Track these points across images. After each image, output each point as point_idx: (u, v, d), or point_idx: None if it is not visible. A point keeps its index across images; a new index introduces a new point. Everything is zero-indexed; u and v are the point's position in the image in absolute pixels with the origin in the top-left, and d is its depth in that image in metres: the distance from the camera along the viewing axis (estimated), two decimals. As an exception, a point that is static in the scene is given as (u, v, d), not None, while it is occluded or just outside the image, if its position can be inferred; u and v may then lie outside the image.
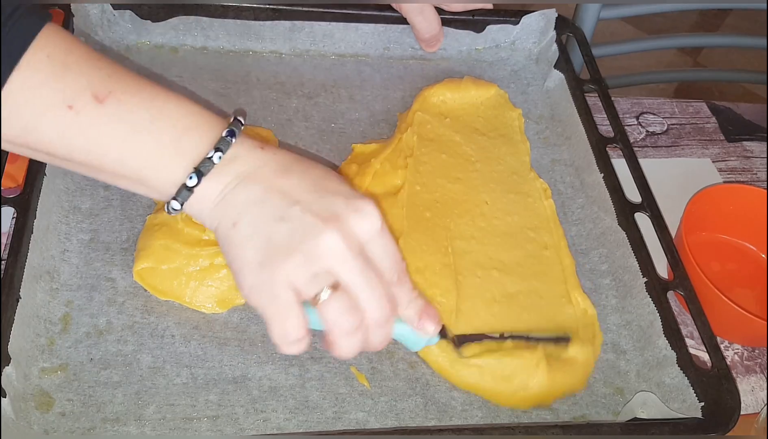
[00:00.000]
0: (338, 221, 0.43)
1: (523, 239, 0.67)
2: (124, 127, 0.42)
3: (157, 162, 0.44)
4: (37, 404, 0.53)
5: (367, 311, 0.44)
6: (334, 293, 0.43)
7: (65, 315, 0.58)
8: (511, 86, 0.81)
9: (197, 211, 0.45)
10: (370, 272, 0.44)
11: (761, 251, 0.74)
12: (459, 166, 0.71)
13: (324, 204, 0.44)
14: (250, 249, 0.43)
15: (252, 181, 0.44)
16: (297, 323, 0.43)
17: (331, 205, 0.44)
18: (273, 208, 0.43)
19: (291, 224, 0.43)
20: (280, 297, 0.43)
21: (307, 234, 0.42)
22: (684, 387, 0.57)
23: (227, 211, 0.44)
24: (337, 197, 0.44)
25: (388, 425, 0.56)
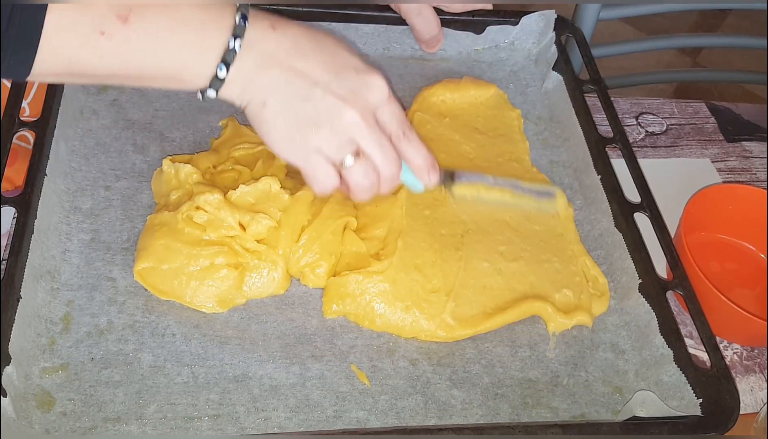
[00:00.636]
0: (355, 98, 0.50)
1: (526, 227, 0.68)
2: (151, 38, 0.46)
3: (187, 60, 0.48)
4: (38, 403, 0.54)
5: (381, 170, 0.53)
6: (357, 159, 0.52)
7: (66, 315, 0.58)
8: (510, 87, 0.82)
9: (227, 95, 0.50)
10: (383, 138, 0.52)
11: (761, 251, 0.74)
12: (458, 164, 0.71)
13: (340, 83, 0.50)
14: (282, 124, 0.50)
15: (272, 65, 0.49)
16: (329, 179, 0.52)
17: (346, 82, 0.50)
18: (297, 89, 0.50)
19: (315, 103, 0.50)
20: (311, 160, 0.51)
21: (331, 112, 0.50)
22: (682, 385, 0.57)
23: (255, 93, 0.50)
24: (349, 73, 0.51)
25: (388, 423, 0.56)
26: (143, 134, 0.70)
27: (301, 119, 0.50)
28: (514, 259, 0.65)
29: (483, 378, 0.59)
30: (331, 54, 0.51)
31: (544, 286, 0.64)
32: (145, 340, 0.58)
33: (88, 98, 0.72)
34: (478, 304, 0.62)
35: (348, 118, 0.50)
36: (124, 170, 0.68)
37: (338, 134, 0.50)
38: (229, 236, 0.61)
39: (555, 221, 0.69)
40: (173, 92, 0.74)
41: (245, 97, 0.50)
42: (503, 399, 0.58)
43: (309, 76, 0.50)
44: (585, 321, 0.63)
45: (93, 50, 0.45)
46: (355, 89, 0.51)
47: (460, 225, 0.66)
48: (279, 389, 0.57)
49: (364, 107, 0.51)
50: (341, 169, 0.52)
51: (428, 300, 0.61)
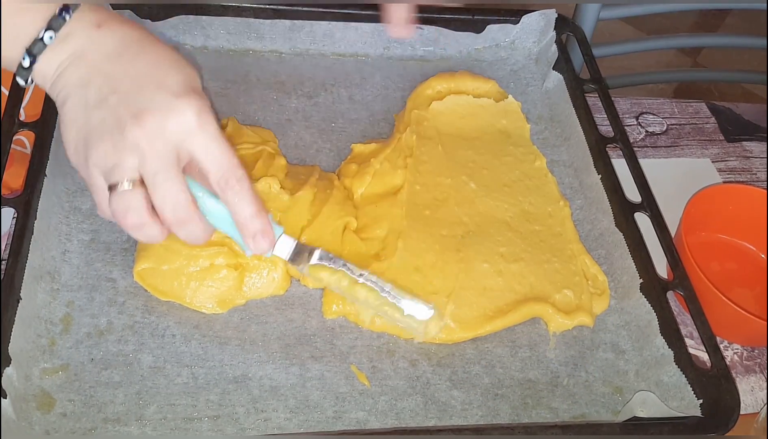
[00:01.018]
0: (148, 118, 0.44)
1: (526, 227, 0.68)
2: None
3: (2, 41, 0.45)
4: (38, 404, 0.54)
5: (161, 210, 0.46)
6: (131, 189, 0.44)
7: (66, 316, 0.58)
8: (510, 86, 0.81)
9: (42, 85, 0.47)
10: (170, 172, 0.45)
11: (761, 251, 0.74)
12: (456, 169, 0.71)
13: (141, 98, 0.44)
14: (72, 130, 0.45)
15: (81, 63, 0.45)
16: (101, 198, 0.46)
17: (148, 100, 0.44)
18: (94, 94, 0.45)
19: (105, 113, 0.44)
20: (92, 178, 0.45)
21: (117, 126, 0.44)
22: (682, 385, 0.57)
23: (59, 90, 0.46)
24: (159, 92, 0.45)
25: (388, 424, 0.56)
26: (143, 134, 0.70)
27: (89, 127, 0.44)
28: (515, 260, 0.65)
29: (483, 379, 0.59)
30: (153, 66, 0.46)
31: (544, 286, 0.64)
32: (145, 341, 0.58)
33: (88, 98, 0.72)
34: (478, 306, 0.62)
35: (129, 137, 0.43)
36: (124, 170, 0.67)
37: (116, 153, 0.44)
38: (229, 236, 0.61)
39: (553, 220, 0.69)
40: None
41: (53, 92, 0.46)
42: (503, 400, 0.58)
43: (111, 83, 0.45)
44: (586, 322, 0.63)
45: None
46: (154, 110, 0.44)
47: (460, 226, 0.66)
48: (279, 389, 0.57)
49: (157, 131, 0.44)
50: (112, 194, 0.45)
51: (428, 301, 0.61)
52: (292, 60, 0.80)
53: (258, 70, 0.78)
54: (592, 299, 0.64)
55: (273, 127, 0.73)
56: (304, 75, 0.78)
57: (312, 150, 0.72)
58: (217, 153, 0.46)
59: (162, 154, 0.44)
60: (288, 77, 0.78)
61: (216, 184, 0.46)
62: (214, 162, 0.46)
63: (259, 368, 0.57)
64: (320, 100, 0.76)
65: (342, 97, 0.77)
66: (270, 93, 0.76)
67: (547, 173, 0.72)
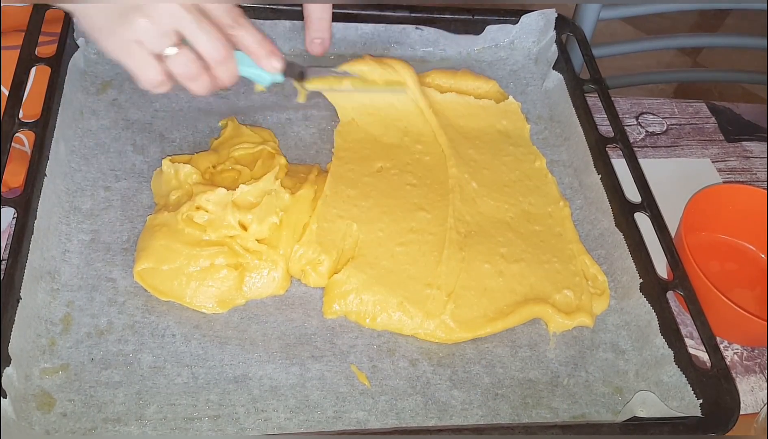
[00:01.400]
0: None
1: (526, 227, 0.68)
2: None
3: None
4: (38, 404, 0.54)
5: (206, 54, 0.53)
6: (179, 49, 0.52)
7: (66, 315, 0.58)
8: (510, 86, 0.81)
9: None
10: (204, 22, 0.52)
11: (761, 251, 0.74)
12: (460, 155, 0.71)
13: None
14: (102, 18, 0.51)
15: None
16: (155, 72, 0.53)
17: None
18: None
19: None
20: (132, 52, 0.52)
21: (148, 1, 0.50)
22: (682, 385, 0.57)
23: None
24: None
25: (388, 424, 0.56)
26: (143, 135, 0.70)
27: (120, 8, 0.50)
28: (515, 260, 0.65)
29: (483, 378, 0.59)
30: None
31: (544, 287, 0.64)
32: (145, 340, 0.58)
33: (88, 98, 0.72)
34: (478, 306, 0.62)
35: (165, 4, 0.50)
36: (124, 171, 0.68)
37: (157, 23, 0.50)
38: (229, 236, 0.61)
39: (553, 220, 0.69)
40: (173, 93, 0.74)
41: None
42: (503, 399, 0.58)
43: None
44: (586, 322, 0.63)
45: None
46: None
47: (463, 224, 0.66)
48: (279, 389, 0.57)
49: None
50: (165, 61, 0.52)
51: (424, 295, 0.61)
52: (292, 60, 0.79)
53: (258, 71, 0.78)
54: (592, 299, 0.64)
55: (273, 127, 0.73)
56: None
57: (312, 150, 0.72)
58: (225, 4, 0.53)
59: (191, 10, 0.51)
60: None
61: (229, 27, 0.54)
62: (222, 10, 0.53)
63: (259, 368, 0.57)
64: (320, 100, 0.76)
65: (342, 97, 0.77)
66: (269, 94, 0.76)
67: (547, 173, 0.72)
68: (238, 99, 0.75)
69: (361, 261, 0.62)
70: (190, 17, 0.51)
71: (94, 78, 0.74)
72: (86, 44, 0.74)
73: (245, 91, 0.75)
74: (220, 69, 0.54)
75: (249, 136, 0.69)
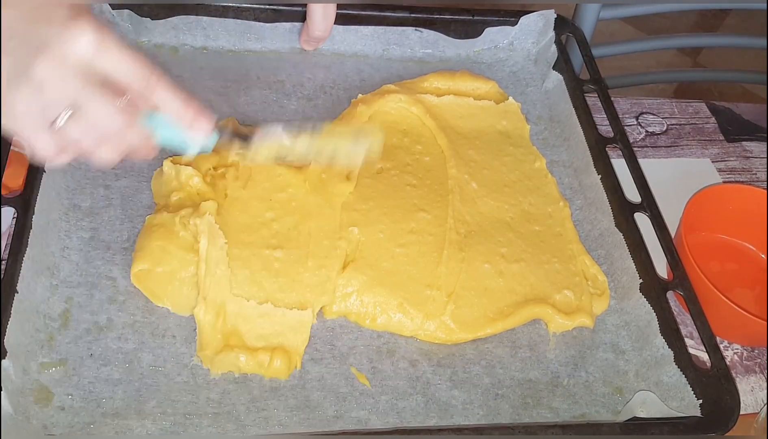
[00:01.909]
0: (49, 50, 0.44)
1: (526, 228, 0.68)
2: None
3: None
4: (36, 398, 0.54)
5: (98, 124, 0.46)
6: (71, 117, 0.45)
7: (65, 311, 0.58)
8: (509, 87, 0.81)
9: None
10: (98, 88, 0.45)
11: (761, 251, 0.74)
12: (460, 156, 0.71)
13: (36, 35, 0.44)
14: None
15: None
16: (45, 143, 0.46)
17: (42, 36, 0.44)
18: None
19: (9, 58, 0.44)
20: (20, 124, 0.45)
21: (26, 67, 0.44)
22: (682, 385, 0.57)
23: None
24: (51, 26, 0.45)
25: (389, 423, 0.56)
26: (143, 134, 0.70)
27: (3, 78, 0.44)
28: (515, 260, 0.65)
29: (483, 379, 0.59)
30: (41, 5, 0.46)
31: (544, 287, 0.64)
32: (145, 339, 0.58)
33: (88, 98, 0.72)
34: (479, 306, 0.62)
35: (40, 71, 0.44)
36: (124, 169, 0.67)
37: (39, 91, 0.44)
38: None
39: (553, 221, 0.69)
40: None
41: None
42: (504, 400, 0.58)
43: (7, 28, 0.44)
44: (586, 322, 0.63)
45: None
46: (51, 41, 0.44)
47: (463, 225, 0.66)
48: (279, 390, 0.57)
49: (62, 59, 0.44)
50: (56, 132, 0.46)
51: (424, 296, 0.61)
52: (292, 60, 0.80)
53: (258, 71, 0.78)
54: (592, 299, 0.64)
55: (273, 127, 0.73)
56: (303, 75, 0.78)
57: (312, 150, 0.72)
58: (131, 60, 0.46)
59: (77, 77, 0.45)
60: (288, 77, 0.78)
61: (144, 88, 0.47)
62: (131, 70, 0.46)
63: (259, 369, 0.57)
64: (320, 101, 0.76)
65: (341, 98, 0.77)
66: (270, 93, 0.76)
67: (547, 174, 0.72)
68: (238, 96, 0.75)
69: (361, 263, 0.62)
70: (80, 84, 0.45)
71: (94, 78, 0.74)
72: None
73: (245, 90, 0.75)
74: (121, 140, 0.48)
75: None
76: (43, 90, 0.44)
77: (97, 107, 0.46)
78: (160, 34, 0.77)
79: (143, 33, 0.77)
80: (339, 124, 0.71)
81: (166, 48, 0.78)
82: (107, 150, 0.48)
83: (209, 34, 0.78)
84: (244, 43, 0.79)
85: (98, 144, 0.47)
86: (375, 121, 0.73)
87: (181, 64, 0.77)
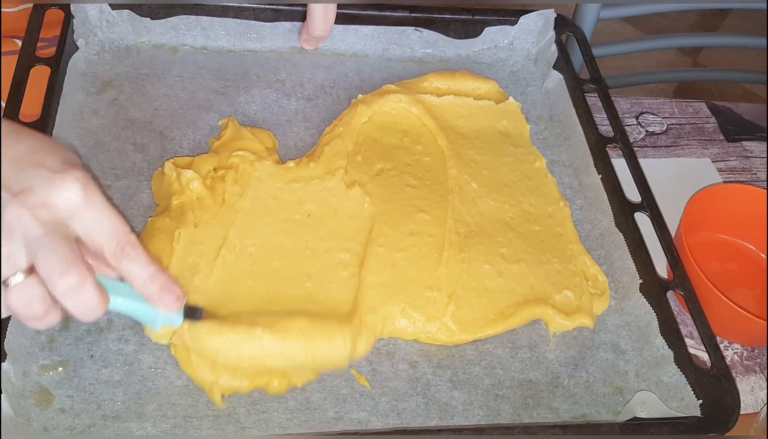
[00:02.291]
0: (28, 195, 0.42)
1: (526, 228, 0.68)
2: None
3: None
4: (37, 400, 0.53)
5: (48, 278, 0.42)
6: (27, 278, 0.42)
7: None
8: (509, 87, 0.81)
9: None
10: (54, 241, 0.41)
11: (761, 251, 0.74)
12: (459, 156, 0.71)
13: (21, 178, 0.42)
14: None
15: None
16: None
17: (28, 179, 0.42)
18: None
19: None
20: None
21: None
22: (682, 385, 0.57)
23: None
24: (39, 170, 0.43)
25: (389, 425, 0.56)
26: (143, 134, 0.70)
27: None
28: (516, 261, 0.65)
29: (483, 380, 0.59)
30: (31, 150, 0.44)
31: (544, 287, 0.64)
32: (145, 340, 0.58)
33: (88, 98, 0.72)
34: (479, 307, 0.62)
35: (10, 215, 0.41)
36: (124, 170, 0.67)
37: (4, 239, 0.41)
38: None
39: (553, 221, 0.69)
40: (173, 91, 0.74)
41: None
42: (504, 400, 0.58)
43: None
44: (586, 323, 0.63)
45: None
46: (35, 187, 0.42)
47: (463, 225, 0.66)
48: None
49: (38, 208, 0.42)
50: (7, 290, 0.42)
51: (425, 298, 0.61)
52: (292, 60, 0.79)
53: (258, 70, 0.78)
54: (593, 299, 0.64)
55: (273, 128, 0.73)
56: (303, 75, 0.78)
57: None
58: (109, 224, 0.44)
59: (42, 228, 0.42)
60: (288, 77, 0.78)
61: (112, 256, 0.44)
62: (106, 233, 0.44)
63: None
64: (320, 101, 0.76)
65: (341, 98, 0.77)
66: (270, 93, 0.76)
67: (547, 174, 0.72)
68: (238, 96, 0.75)
69: (366, 279, 0.62)
70: (39, 232, 0.41)
71: (94, 78, 0.74)
72: (86, 45, 0.74)
73: (245, 90, 0.75)
74: (69, 301, 0.42)
75: (249, 137, 0.69)
76: (7, 237, 0.41)
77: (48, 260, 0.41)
78: (160, 34, 0.77)
79: (143, 33, 0.77)
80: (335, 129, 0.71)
81: (166, 48, 0.78)
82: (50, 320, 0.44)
83: (209, 34, 0.78)
84: (244, 43, 0.79)
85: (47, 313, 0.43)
86: (375, 121, 0.73)
87: (181, 64, 0.77)
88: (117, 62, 0.75)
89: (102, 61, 0.75)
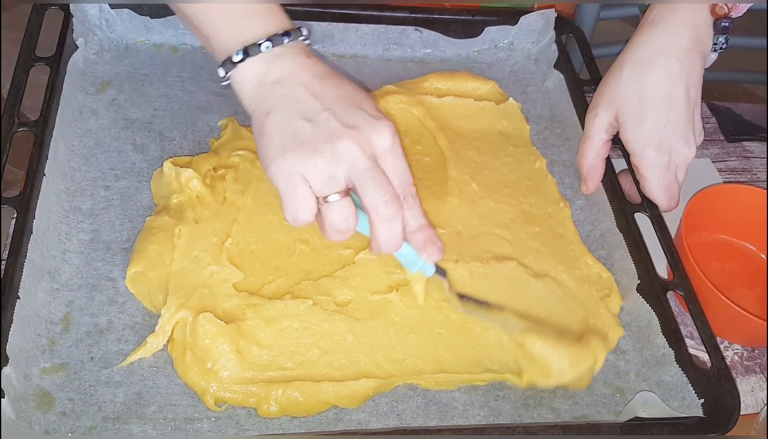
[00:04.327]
0: (356, 131, 0.48)
1: (526, 222, 0.68)
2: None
3: (219, 28, 0.52)
4: (38, 403, 0.53)
5: (371, 207, 0.49)
6: (340, 199, 0.49)
7: (66, 315, 0.58)
8: (510, 87, 0.81)
9: (239, 88, 0.52)
10: (379, 175, 0.49)
11: (761, 251, 0.74)
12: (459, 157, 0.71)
13: (348, 115, 0.49)
14: (277, 138, 0.49)
15: (291, 80, 0.50)
16: (306, 211, 0.49)
17: (354, 117, 0.49)
18: (304, 107, 0.49)
19: (316, 126, 0.49)
20: (297, 188, 0.48)
21: (328, 137, 0.48)
22: (683, 385, 0.57)
23: (265, 100, 0.50)
24: (361, 112, 0.50)
25: (389, 425, 0.56)
26: (143, 134, 0.70)
27: (298, 138, 0.48)
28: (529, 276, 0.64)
29: (483, 379, 0.59)
30: (350, 93, 0.51)
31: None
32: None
33: (87, 98, 0.72)
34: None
35: (344, 145, 0.48)
36: (124, 170, 0.67)
37: (331, 164, 0.48)
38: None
39: (554, 221, 0.68)
40: (173, 92, 0.74)
41: (254, 101, 0.51)
42: (505, 401, 0.58)
43: (321, 100, 0.50)
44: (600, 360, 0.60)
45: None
46: (360, 125, 0.49)
47: (463, 225, 0.66)
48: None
49: (365, 143, 0.49)
50: (322, 204, 0.49)
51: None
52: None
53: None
54: (606, 302, 0.63)
55: (273, 128, 0.72)
56: (304, 75, 0.78)
57: (312, 150, 0.72)
58: (402, 172, 0.50)
59: (369, 162, 0.49)
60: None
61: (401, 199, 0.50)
62: (398, 179, 0.50)
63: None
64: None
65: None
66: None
67: (547, 174, 0.72)
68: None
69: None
70: (367, 165, 0.48)
71: (93, 78, 0.73)
72: (85, 44, 0.74)
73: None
74: (384, 225, 0.49)
75: (249, 138, 0.69)
76: (330, 162, 0.48)
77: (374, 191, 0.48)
78: (160, 33, 0.77)
79: (143, 32, 0.77)
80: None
81: (166, 47, 0.78)
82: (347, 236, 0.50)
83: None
84: (243, 43, 0.79)
85: (350, 230, 0.50)
86: None
87: (180, 64, 0.77)
88: (116, 62, 0.75)
89: (101, 60, 0.75)
